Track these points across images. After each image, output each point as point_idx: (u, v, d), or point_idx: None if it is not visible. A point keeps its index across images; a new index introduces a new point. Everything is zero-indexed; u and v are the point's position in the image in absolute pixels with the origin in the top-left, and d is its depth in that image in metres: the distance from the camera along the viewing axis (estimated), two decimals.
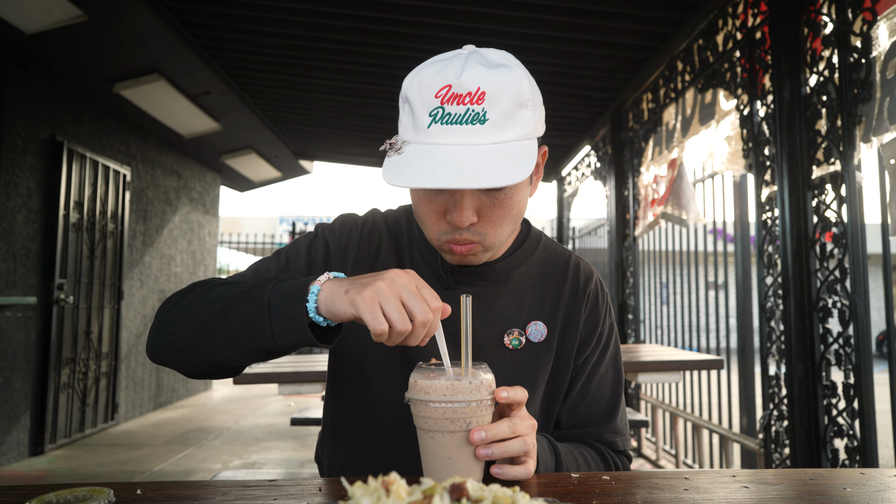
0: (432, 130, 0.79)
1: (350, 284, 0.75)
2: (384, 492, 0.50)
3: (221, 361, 0.83)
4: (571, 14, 3.19)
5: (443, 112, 0.79)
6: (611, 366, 1.05)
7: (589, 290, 1.03)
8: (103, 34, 3.72)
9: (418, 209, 0.89)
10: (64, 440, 4.50)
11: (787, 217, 2.37)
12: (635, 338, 4.47)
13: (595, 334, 1.02)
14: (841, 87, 2.12)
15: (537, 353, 0.99)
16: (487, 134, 0.79)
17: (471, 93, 0.79)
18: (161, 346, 0.87)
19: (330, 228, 1.03)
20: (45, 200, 4.31)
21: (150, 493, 0.77)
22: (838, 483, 0.82)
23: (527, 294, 1.00)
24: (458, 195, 0.84)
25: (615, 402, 1.04)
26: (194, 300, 0.86)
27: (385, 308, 0.71)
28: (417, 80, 0.82)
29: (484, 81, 0.79)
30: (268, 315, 0.77)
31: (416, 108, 0.81)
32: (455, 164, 0.77)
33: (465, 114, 0.79)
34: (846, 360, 2.14)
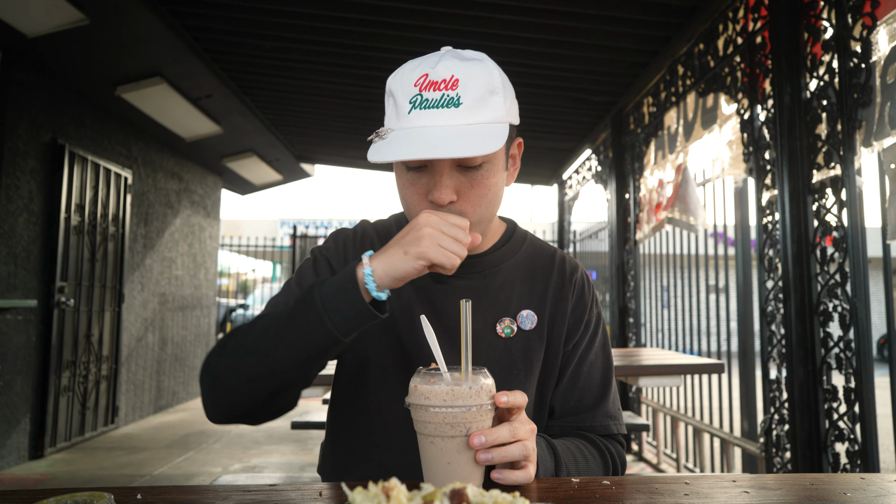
0: (412, 115, 0.87)
1: (402, 247, 0.82)
2: (384, 497, 0.50)
3: (288, 384, 0.87)
4: (573, 18, 3.20)
5: (421, 98, 0.87)
6: (600, 352, 1.09)
7: (575, 279, 1.08)
8: (105, 37, 3.73)
9: (404, 193, 0.95)
10: (64, 444, 4.49)
11: (787, 221, 2.37)
12: (636, 341, 4.46)
13: (583, 322, 1.07)
14: (841, 91, 2.12)
15: (529, 340, 1.03)
16: (462, 116, 0.87)
17: (445, 80, 0.87)
18: (225, 403, 0.90)
19: (326, 247, 1.08)
20: (46, 203, 4.32)
21: (150, 497, 0.77)
22: (839, 488, 0.82)
23: (516, 285, 1.05)
24: (438, 175, 0.90)
25: (606, 387, 1.07)
26: (240, 345, 0.89)
27: (444, 245, 0.81)
28: (399, 75, 0.91)
29: (457, 71, 0.87)
30: (326, 318, 0.82)
31: (398, 98, 0.90)
32: (431, 140, 0.84)
33: (440, 98, 0.86)
34: (847, 363, 2.14)
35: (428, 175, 0.91)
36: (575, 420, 1.05)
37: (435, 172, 0.90)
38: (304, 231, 13.09)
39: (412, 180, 0.93)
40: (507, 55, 3.68)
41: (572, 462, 0.94)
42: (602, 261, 5.82)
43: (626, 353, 3.34)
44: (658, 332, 4.54)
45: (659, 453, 4.13)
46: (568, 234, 6.81)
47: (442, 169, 0.90)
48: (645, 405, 4.46)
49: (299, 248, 8.57)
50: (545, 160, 6.17)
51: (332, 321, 0.81)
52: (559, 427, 1.06)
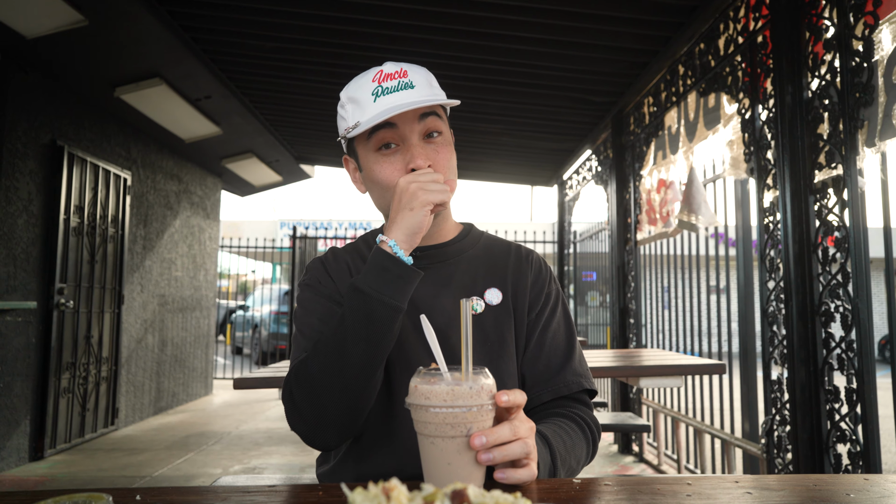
0: (378, 102, 1.02)
1: (404, 208, 0.96)
2: (385, 498, 0.50)
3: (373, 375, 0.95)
4: (573, 18, 3.20)
5: (381, 88, 1.02)
6: (562, 321, 1.17)
7: (531, 259, 1.20)
8: (104, 39, 3.73)
9: (380, 175, 1.05)
10: (64, 445, 4.49)
11: (789, 221, 2.37)
12: (637, 342, 4.46)
13: (543, 294, 1.16)
14: (843, 90, 2.12)
15: (498, 313, 1.12)
16: (417, 94, 1.03)
17: (398, 71, 1.04)
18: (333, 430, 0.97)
19: (310, 276, 1.15)
20: (45, 205, 4.31)
21: (149, 498, 0.76)
22: (842, 489, 0.81)
23: (479, 269, 1.15)
24: (411, 146, 1.03)
25: (570, 349, 1.15)
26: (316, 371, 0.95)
27: (432, 188, 0.97)
28: (354, 82, 1.06)
29: (403, 65, 1.05)
30: (383, 297, 0.93)
31: (359, 96, 1.03)
32: (401, 105, 0.99)
33: (398, 84, 1.03)
34: (849, 364, 2.13)
35: (401, 152, 1.04)
36: (547, 385, 1.10)
37: (409, 145, 1.03)
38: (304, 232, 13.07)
39: (387, 159, 1.05)
40: (508, 55, 3.67)
41: (560, 442, 0.97)
42: (602, 261, 5.82)
43: (627, 353, 3.33)
44: (659, 333, 4.53)
45: (660, 454, 4.12)
46: (568, 235, 6.80)
47: (413, 139, 1.03)
48: (646, 406, 4.45)
49: (299, 249, 8.56)
50: (545, 161, 6.17)
51: (390, 296, 0.93)
52: (534, 397, 1.09)
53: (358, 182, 1.15)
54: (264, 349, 10.87)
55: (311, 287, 1.13)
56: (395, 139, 1.03)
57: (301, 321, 1.10)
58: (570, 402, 1.11)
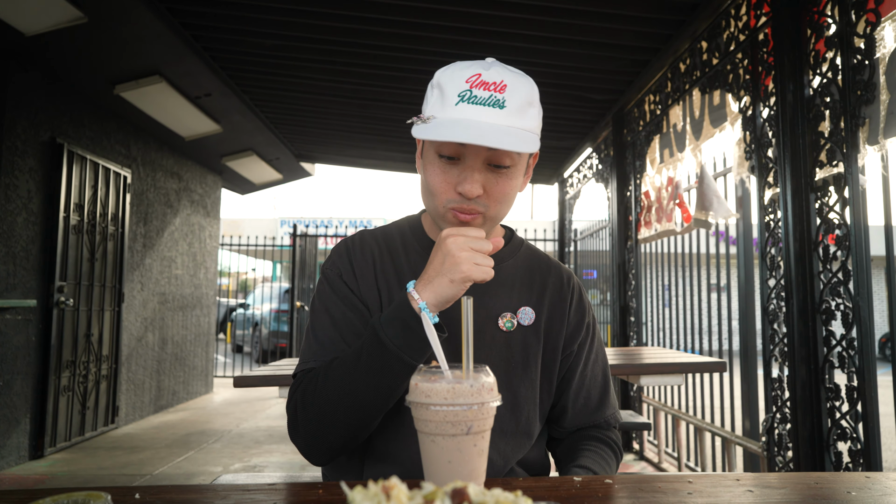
0: (459, 107, 0.93)
1: (445, 275, 0.91)
2: (384, 496, 0.49)
3: (380, 414, 0.96)
4: (573, 16, 3.19)
5: (470, 94, 0.93)
6: (599, 351, 1.18)
7: (573, 284, 1.17)
8: (104, 36, 3.72)
9: (431, 180, 0.98)
10: (64, 443, 4.49)
11: (789, 219, 2.36)
12: (637, 340, 4.45)
13: (584, 323, 1.15)
14: (844, 88, 2.11)
15: (527, 335, 1.09)
16: (504, 118, 0.93)
17: (496, 83, 0.93)
18: (325, 451, 0.99)
19: (332, 264, 1.11)
20: (45, 203, 4.31)
21: (149, 497, 0.76)
22: (843, 487, 0.81)
23: (516, 283, 1.11)
24: (470, 169, 0.95)
25: (606, 382, 1.18)
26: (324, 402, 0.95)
27: (479, 262, 0.91)
28: (450, 70, 0.96)
29: (507, 77, 0.94)
30: (404, 356, 0.91)
31: (447, 90, 0.94)
32: (478, 130, 0.90)
33: (488, 98, 0.92)
34: (849, 362, 2.13)
35: (460, 167, 0.97)
36: (589, 419, 1.14)
37: (467, 165, 0.96)
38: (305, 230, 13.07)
39: (444, 169, 0.97)
40: (508, 53, 3.67)
41: (602, 470, 1.05)
42: (603, 259, 5.81)
43: (628, 351, 3.33)
44: (659, 331, 4.53)
45: (660, 452, 4.12)
46: (569, 233, 6.80)
47: (475, 164, 0.95)
48: (646, 404, 4.45)
49: (299, 248, 8.56)
50: (546, 159, 6.16)
51: (409, 356, 0.91)
52: (572, 427, 1.14)
53: (419, 163, 1.08)
54: (265, 347, 10.88)
55: (330, 281, 1.09)
56: (458, 153, 0.96)
57: (316, 319, 1.07)
58: (603, 430, 1.17)
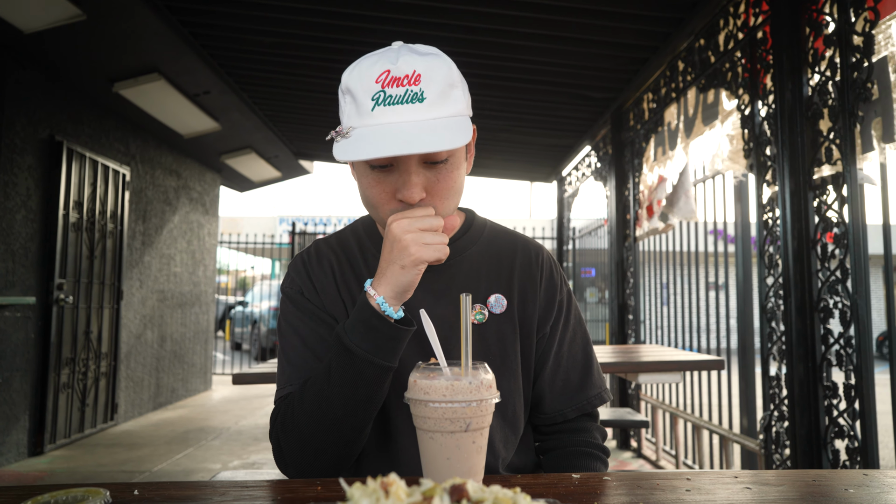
0: (376, 112, 0.86)
1: (395, 262, 0.87)
2: (383, 493, 0.50)
3: (366, 425, 0.93)
4: (572, 14, 3.19)
5: (384, 95, 0.86)
6: (577, 328, 1.10)
7: (542, 259, 1.09)
8: (102, 33, 3.72)
9: (369, 193, 0.94)
10: (64, 440, 4.49)
11: (788, 217, 2.37)
12: (635, 338, 4.46)
13: (555, 302, 1.07)
14: (843, 86, 2.11)
15: (501, 324, 1.03)
16: (427, 111, 0.86)
17: (408, 75, 0.86)
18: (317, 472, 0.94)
19: (291, 282, 1.06)
20: (44, 200, 4.30)
21: (148, 493, 0.76)
22: (840, 484, 0.82)
23: (482, 271, 1.05)
24: (406, 173, 0.89)
25: (589, 360, 1.09)
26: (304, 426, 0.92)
27: (429, 242, 0.87)
28: (357, 71, 0.89)
29: (418, 65, 0.86)
30: (374, 359, 0.88)
31: (358, 95, 0.87)
32: (402, 136, 0.84)
33: (404, 94, 0.86)
34: (847, 360, 2.13)
35: (395, 174, 0.90)
36: (570, 403, 1.06)
37: (402, 171, 0.89)
38: (303, 228, 13.06)
39: (378, 179, 0.92)
40: (507, 50, 3.66)
41: None
42: (601, 258, 5.82)
43: (626, 349, 3.34)
44: (657, 329, 4.53)
45: (658, 450, 4.13)
46: (567, 231, 6.80)
47: (409, 167, 0.89)
48: (644, 402, 4.46)
49: (298, 245, 8.56)
50: (544, 157, 6.16)
51: (380, 357, 0.87)
52: (556, 414, 1.06)
53: (351, 170, 1.03)
54: (263, 345, 10.88)
55: (292, 300, 1.04)
56: (389, 160, 0.90)
57: (285, 342, 1.03)
58: (584, 422, 1.08)
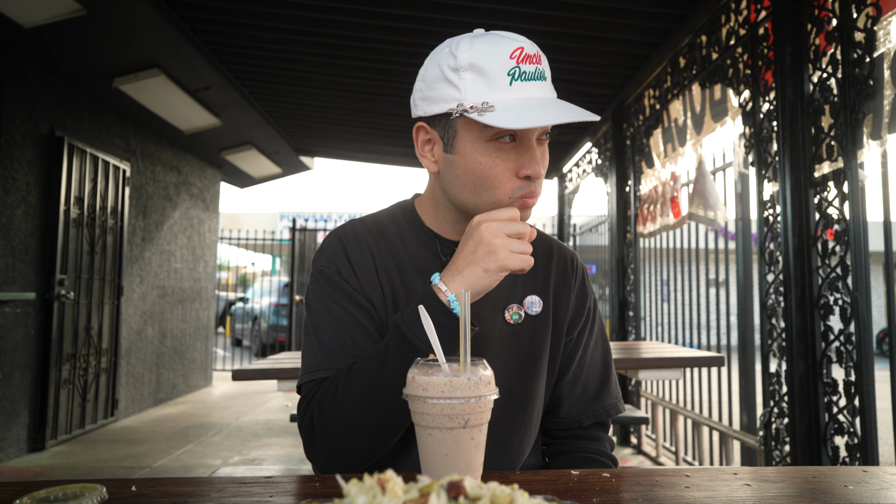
0: (514, 87, 0.87)
1: (479, 264, 0.85)
2: (380, 489, 0.49)
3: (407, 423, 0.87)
4: (573, 10, 3.18)
5: (519, 70, 0.88)
6: (600, 337, 1.12)
7: (577, 266, 1.11)
8: (102, 28, 3.71)
9: (489, 172, 0.91)
10: (64, 436, 4.50)
11: (789, 214, 2.36)
12: (636, 335, 4.46)
13: (585, 308, 1.09)
14: (844, 83, 2.11)
15: (536, 325, 1.03)
16: (551, 90, 0.91)
17: (536, 54, 0.90)
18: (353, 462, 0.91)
19: (328, 259, 1.01)
20: (44, 196, 4.30)
21: (146, 489, 0.76)
22: (840, 481, 0.81)
23: None
24: (532, 148, 0.91)
25: (608, 369, 1.10)
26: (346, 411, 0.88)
27: (515, 249, 0.86)
28: (480, 48, 0.88)
29: (535, 47, 0.91)
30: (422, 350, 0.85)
31: (490, 70, 0.87)
32: (552, 107, 0.87)
33: (534, 72, 0.89)
34: (847, 357, 2.13)
35: (517, 151, 0.91)
36: (587, 410, 1.07)
37: (527, 146, 0.91)
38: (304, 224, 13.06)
39: (501, 157, 0.90)
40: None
41: None
42: (602, 254, 5.81)
43: (626, 346, 3.34)
44: (658, 326, 4.53)
45: (658, 446, 4.13)
46: (568, 228, 6.80)
47: (532, 142, 0.91)
48: (644, 398, 4.46)
49: (298, 242, 8.56)
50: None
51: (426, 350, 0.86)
52: (572, 420, 1.06)
53: (430, 159, 0.97)
54: (264, 341, 10.88)
55: (328, 279, 0.98)
56: (515, 134, 0.90)
57: (318, 321, 0.97)
58: (597, 431, 1.08)
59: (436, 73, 0.92)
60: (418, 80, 0.97)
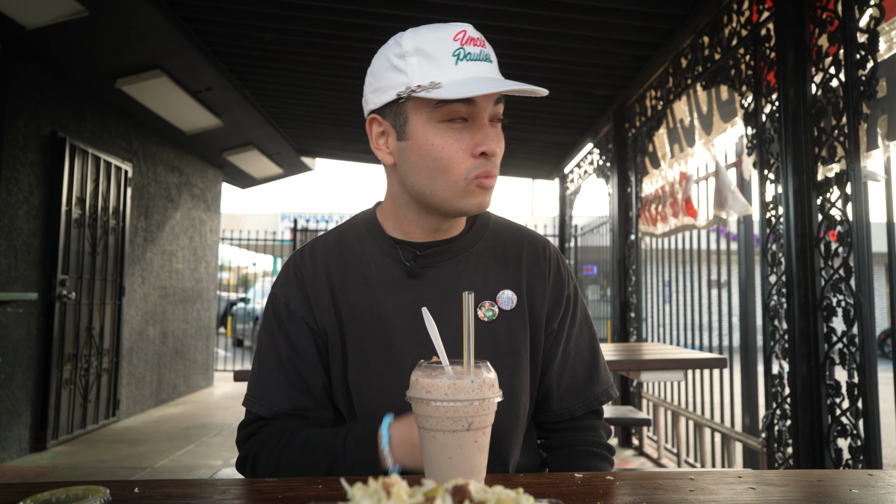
0: (460, 66, 0.88)
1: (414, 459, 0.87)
2: (384, 493, 0.49)
3: None
4: (575, 10, 3.18)
5: (464, 52, 0.89)
6: (584, 323, 1.08)
7: (549, 254, 1.07)
8: (105, 29, 3.71)
9: (444, 152, 0.91)
10: (66, 436, 4.50)
11: (791, 215, 2.36)
12: (637, 336, 4.45)
13: (563, 297, 1.05)
14: (847, 84, 2.10)
15: (512, 320, 1.00)
16: (496, 71, 0.92)
17: (479, 39, 0.91)
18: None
19: (281, 287, 1.03)
20: (46, 196, 4.30)
21: (148, 491, 0.76)
22: (845, 484, 0.81)
23: (490, 266, 1.02)
24: (484, 127, 0.92)
25: (595, 356, 1.08)
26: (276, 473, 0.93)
27: None
28: (422, 34, 0.91)
29: (480, 33, 0.93)
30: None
31: (435, 52, 0.89)
32: (500, 82, 0.88)
33: (479, 53, 0.90)
34: (850, 359, 2.12)
35: (470, 130, 0.91)
36: (577, 399, 1.05)
37: (480, 125, 0.91)
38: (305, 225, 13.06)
39: (455, 137, 0.91)
40: (509, 47, 3.65)
41: None
42: (603, 255, 5.81)
43: (628, 347, 3.33)
44: (659, 327, 4.53)
45: (659, 448, 4.13)
46: (569, 229, 6.80)
47: (485, 120, 0.92)
48: (646, 400, 4.46)
49: (300, 242, 8.56)
50: (546, 154, 6.15)
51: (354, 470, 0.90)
52: (563, 412, 1.04)
53: (385, 151, 0.97)
54: None
55: (276, 310, 1.01)
56: (466, 114, 0.90)
57: (262, 352, 1.01)
58: (590, 420, 1.07)
59: (383, 64, 0.93)
60: (367, 76, 0.98)
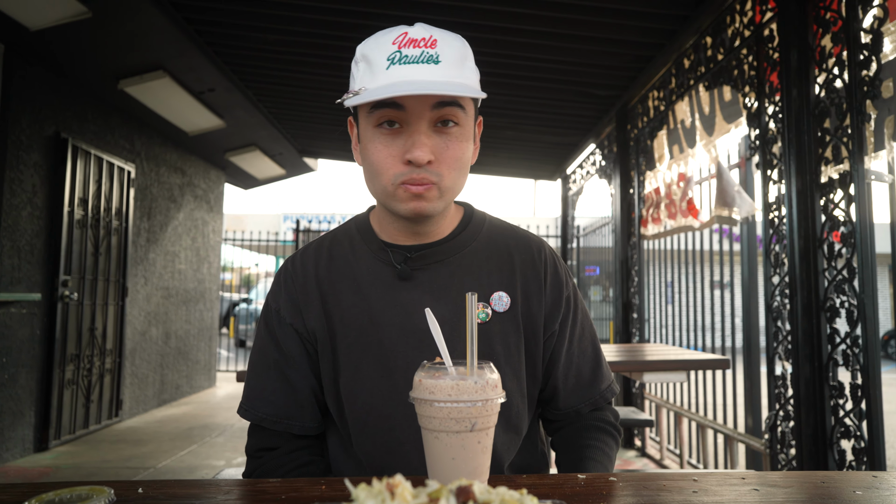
0: (391, 70, 0.86)
1: None
2: (389, 494, 0.49)
3: None
4: (578, 11, 3.17)
5: (400, 55, 0.86)
6: (584, 322, 1.09)
7: (545, 255, 1.05)
8: (108, 31, 3.72)
9: (374, 157, 0.91)
10: (68, 436, 4.51)
11: (794, 216, 2.35)
12: (640, 337, 4.45)
13: (563, 298, 1.04)
14: (850, 84, 2.10)
15: (505, 322, 0.99)
16: (442, 73, 0.86)
17: (424, 38, 0.87)
18: None
19: (273, 294, 1.04)
20: (49, 197, 4.31)
21: (152, 491, 0.76)
22: (849, 486, 0.81)
23: (483, 268, 1.01)
24: (416, 133, 0.88)
25: (597, 353, 1.09)
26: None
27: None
28: (372, 40, 0.90)
29: (435, 33, 0.88)
30: None
31: (373, 58, 0.88)
32: (414, 85, 0.84)
33: (420, 55, 0.86)
34: (854, 360, 2.12)
35: (403, 136, 0.89)
36: (583, 398, 1.06)
37: (413, 131, 0.88)
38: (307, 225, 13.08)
39: (386, 142, 0.90)
40: (512, 48, 3.65)
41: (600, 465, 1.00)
42: (606, 256, 5.80)
43: (630, 348, 3.33)
44: (662, 328, 4.52)
45: (662, 449, 4.12)
46: (571, 229, 6.79)
47: (420, 127, 0.88)
48: (648, 401, 4.45)
49: (302, 243, 8.57)
50: (549, 155, 6.14)
51: None
52: (570, 409, 1.06)
53: (356, 151, 0.99)
54: None
55: (267, 317, 1.03)
56: (399, 119, 0.89)
57: (256, 356, 1.03)
58: (596, 413, 1.10)
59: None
60: None
